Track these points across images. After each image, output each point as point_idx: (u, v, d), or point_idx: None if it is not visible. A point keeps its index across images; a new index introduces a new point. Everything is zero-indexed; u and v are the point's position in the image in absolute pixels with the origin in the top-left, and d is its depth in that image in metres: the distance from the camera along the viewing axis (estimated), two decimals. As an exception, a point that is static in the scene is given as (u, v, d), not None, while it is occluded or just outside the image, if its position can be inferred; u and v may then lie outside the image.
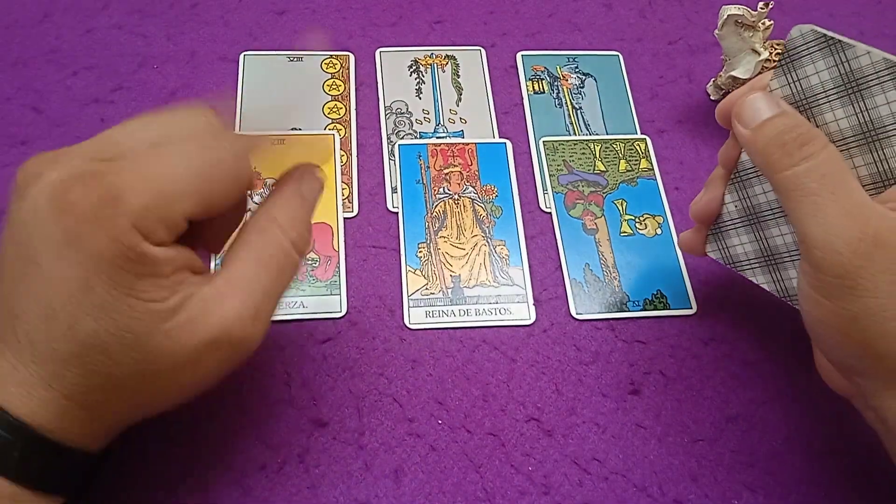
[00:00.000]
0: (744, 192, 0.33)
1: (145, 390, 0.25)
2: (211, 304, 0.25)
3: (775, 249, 0.33)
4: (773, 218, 0.32)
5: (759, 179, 0.32)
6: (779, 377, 0.37)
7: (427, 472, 0.33)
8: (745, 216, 0.33)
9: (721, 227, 0.35)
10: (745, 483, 0.34)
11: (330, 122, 0.44)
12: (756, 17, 0.42)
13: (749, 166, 0.32)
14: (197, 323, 0.25)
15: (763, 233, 0.33)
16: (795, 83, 0.30)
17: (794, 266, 0.32)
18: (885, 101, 0.28)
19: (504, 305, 0.38)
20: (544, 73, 0.48)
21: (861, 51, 0.27)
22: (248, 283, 0.26)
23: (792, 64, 0.30)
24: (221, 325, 0.25)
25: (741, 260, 0.34)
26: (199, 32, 0.47)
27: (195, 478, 0.32)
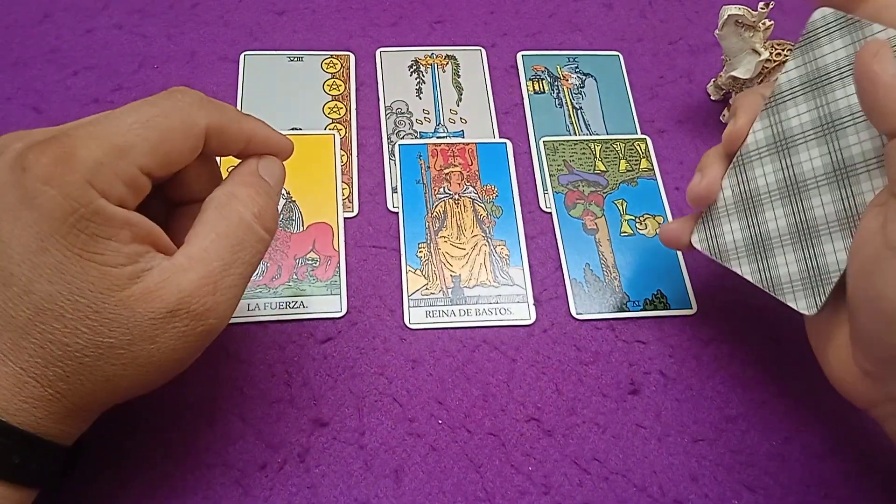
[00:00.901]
0: (744, 176, 0.33)
1: (104, 366, 0.25)
2: (169, 276, 0.25)
3: (766, 235, 0.32)
4: (770, 202, 0.32)
5: (760, 162, 0.32)
6: (779, 377, 0.37)
7: (427, 472, 0.33)
8: (741, 200, 0.33)
9: (713, 215, 0.34)
10: (745, 483, 0.34)
11: (330, 121, 0.44)
12: (756, 18, 0.42)
13: (752, 149, 0.33)
14: (153, 294, 0.25)
15: (756, 218, 0.33)
16: (811, 62, 0.31)
17: (784, 252, 0.32)
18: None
19: (504, 305, 0.38)
20: (545, 73, 0.48)
21: (878, 28, 0.29)
22: (206, 256, 0.26)
23: (810, 44, 0.31)
24: (178, 297, 0.25)
25: (728, 250, 0.34)
26: (199, 32, 0.47)
27: (195, 477, 0.32)
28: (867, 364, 0.28)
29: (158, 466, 0.32)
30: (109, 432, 0.33)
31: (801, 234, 0.31)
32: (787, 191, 0.32)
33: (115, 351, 0.25)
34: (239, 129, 0.28)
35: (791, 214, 0.31)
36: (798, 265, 0.31)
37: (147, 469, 0.32)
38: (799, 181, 0.31)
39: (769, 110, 0.32)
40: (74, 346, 0.24)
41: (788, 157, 0.32)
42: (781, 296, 0.32)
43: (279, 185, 0.30)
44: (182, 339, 0.26)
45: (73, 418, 0.26)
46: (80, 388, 0.25)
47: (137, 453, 0.32)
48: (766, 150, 0.32)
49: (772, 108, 0.32)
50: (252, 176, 0.29)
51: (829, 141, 0.30)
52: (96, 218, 0.23)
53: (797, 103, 0.31)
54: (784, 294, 0.32)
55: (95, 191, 0.23)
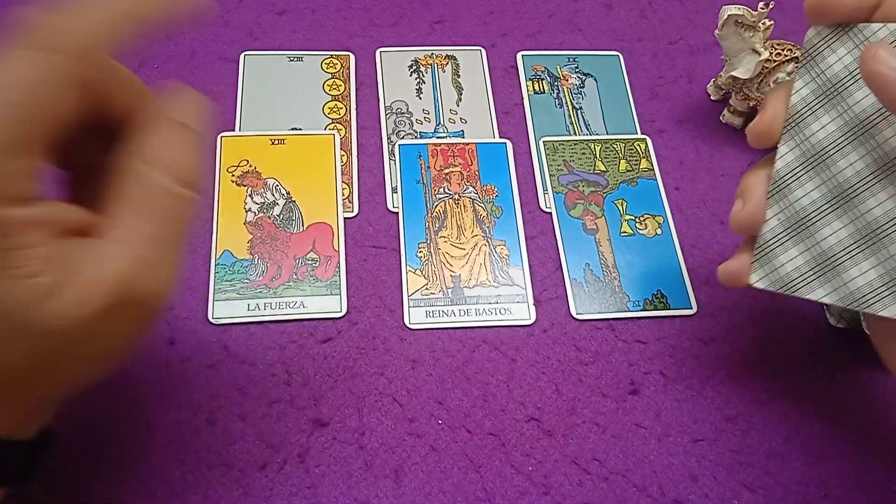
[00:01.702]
0: (786, 201, 0.32)
1: (53, 372, 0.24)
2: (98, 268, 0.22)
3: (830, 251, 0.31)
4: (822, 217, 0.31)
5: (798, 182, 0.31)
6: (779, 377, 0.37)
7: (427, 472, 0.33)
8: (791, 226, 0.32)
9: (765, 249, 0.32)
10: (745, 483, 0.34)
11: (330, 122, 0.44)
12: (756, 17, 0.42)
13: (785, 173, 0.32)
14: (84, 294, 0.22)
15: (813, 237, 0.31)
16: (820, 76, 0.31)
17: (856, 262, 0.30)
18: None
19: (504, 305, 0.38)
20: (544, 73, 0.48)
21: (877, 27, 0.29)
22: (133, 237, 0.23)
23: (814, 60, 0.31)
24: (114, 289, 0.22)
25: (794, 278, 0.31)
26: (199, 32, 0.47)
27: (195, 477, 0.32)
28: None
29: (158, 466, 0.32)
30: (109, 432, 0.33)
31: (868, 239, 0.30)
32: (837, 201, 0.31)
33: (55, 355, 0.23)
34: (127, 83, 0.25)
35: (850, 222, 0.30)
36: (876, 271, 0.30)
37: (147, 469, 0.32)
38: (846, 188, 0.30)
39: (790, 132, 0.32)
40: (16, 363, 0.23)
41: (826, 168, 0.31)
42: (869, 308, 0.30)
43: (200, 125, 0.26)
44: (125, 328, 0.24)
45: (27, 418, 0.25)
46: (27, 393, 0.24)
47: (137, 453, 0.32)
48: (800, 169, 0.31)
49: (793, 129, 0.32)
50: (168, 125, 0.25)
51: (863, 141, 0.30)
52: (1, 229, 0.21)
53: (818, 117, 0.31)
54: (871, 305, 0.30)
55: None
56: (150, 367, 0.35)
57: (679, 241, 0.41)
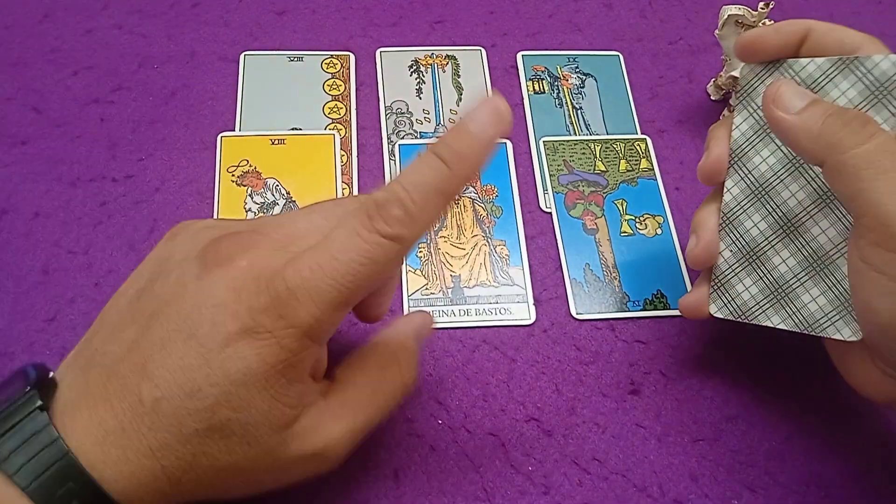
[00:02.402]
0: (736, 233, 0.33)
1: (236, 482, 0.25)
2: (323, 420, 0.26)
3: (781, 279, 0.32)
4: (771, 247, 0.32)
5: (746, 214, 0.32)
6: (779, 377, 0.37)
7: (427, 472, 0.33)
8: (743, 256, 0.33)
9: (721, 279, 0.33)
10: (745, 483, 0.34)
11: (330, 122, 0.44)
12: (756, 18, 0.42)
13: (733, 206, 0.33)
14: (307, 436, 0.26)
15: (764, 267, 0.32)
16: (756, 111, 0.32)
17: (806, 289, 0.31)
18: (839, 92, 0.30)
19: (504, 305, 0.38)
20: (544, 73, 0.48)
21: (805, 62, 0.30)
22: (359, 410, 0.27)
23: (749, 96, 0.32)
24: (325, 444, 0.26)
25: (751, 307, 0.33)
26: (199, 32, 0.47)
27: (195, 478, 0.32)
28: (887, 368, 0.29)
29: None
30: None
31: (816, 266, 0.31)
32: (784, 230, 0.31)
33: (251, 475, 0.25)
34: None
35: (797, 251, 0.31)
36: (826, 296, 0.30)
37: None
38: (790, 217, 0.31)
39: (734, 166, 0.33)
40: (220, 464, 0.24)
41: (770, 199, 0.32)
42: (822, 332, 0.30)
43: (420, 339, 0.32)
44: (306, 475, 0.27)
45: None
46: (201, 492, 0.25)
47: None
48: (746, 201, 0.32)
49: (736, 164, 0.33)
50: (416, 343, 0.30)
51: (802, 172, 0.31)
52: (299, 366, 0.24)
53: (758, 150, 0.32)
54: (824, 329, 0.30)
55: (309, 340, 0.24)
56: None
57: (679, 241, 0.41)
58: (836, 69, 0.29)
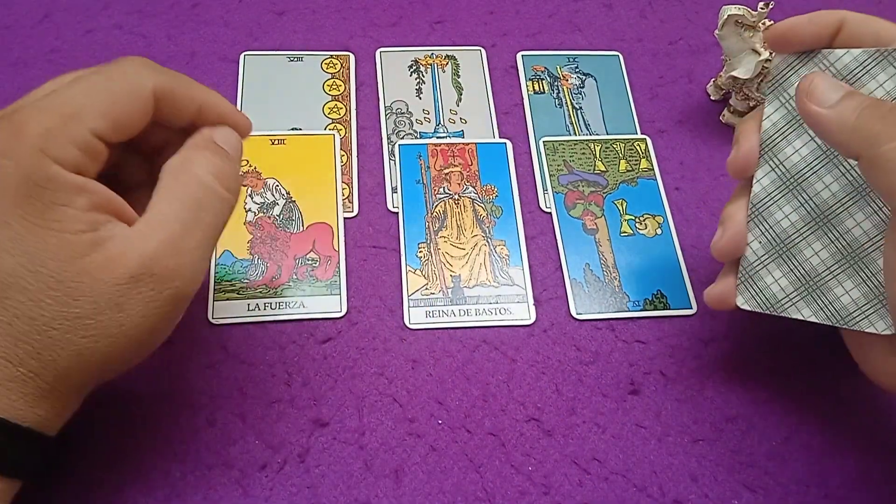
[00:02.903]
0: (766, 224, 0.32)
1: (73, 339, 0.24)
2: (129, 242, 0.25)
3: (813, 272, 0.31)
4: (803, 239, 0.31)
5: (777, 206, 0.32)
6: (779, 377, 0.37)
7: (427, 472, 0.33)
8: (773, 248, 0.32)
9: (749, 271, 0.33)
10: (745, 483, 0.34)
11: (330, 122, 0.44)
12: (756, 18, 0.42)
13: (762, 197, 0.32)
14: (115, 261, 0.25)
15: (795, 259, 0.32)
16: (789, 101, 0.32)
17: (839, 282, 0.31)
18: (877, 84, 0.29)
19: (504, 305, 0.38)
20: (544, 73, 0.48)
21: (841, 52, 0.30)
22: (165, 219, 0.26)
23: (782, 86, 0.32)
24: (140, 262, 0.25)
25: (780, 299, 0.32)
26: (199, 32, 0.47)
27: (195, 477, 0.32)
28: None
29: (158, 466, 0.32)
30: (108, 432, 0.33)
31: (850, 259, 0.30)
32: (817, 222, 0.31)
33: (83, 322, 0.24)
34: (189, 95, 0.29)
35: (830, 243, 0.31)
36: (860, 289, 0.30)
37: (147, 469, 0.32)
38: (824, 210, 0.31)
39: (765, 157, 0.32)
40: (41, 320, 0.24)
41: (803, 191, 0.31)
42: (856, 325, 0.30)
43: (237, 153, 0.30)
44: (150, 306, 0.25)
45: (49, 401, 0.25)
46: (52, 364, 0.25)
47: (137, 453, 0.32)
48: (777, 193, 0.32)
49: (767, 154, 0.32)
50: (206, 141, 0.29)
51: (837, 164, 0.31)
52: (51, 184, 0.24)
53: (790, 141, 0.32)
54: (858, 322, 0.30)
55: (48, 158, 0.24)
56: (150, 367, 0.35)
57: (679, 241, 0.41)
58: (873, 60, 0.29)
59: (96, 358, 0.25)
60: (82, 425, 0.33)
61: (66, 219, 0.24)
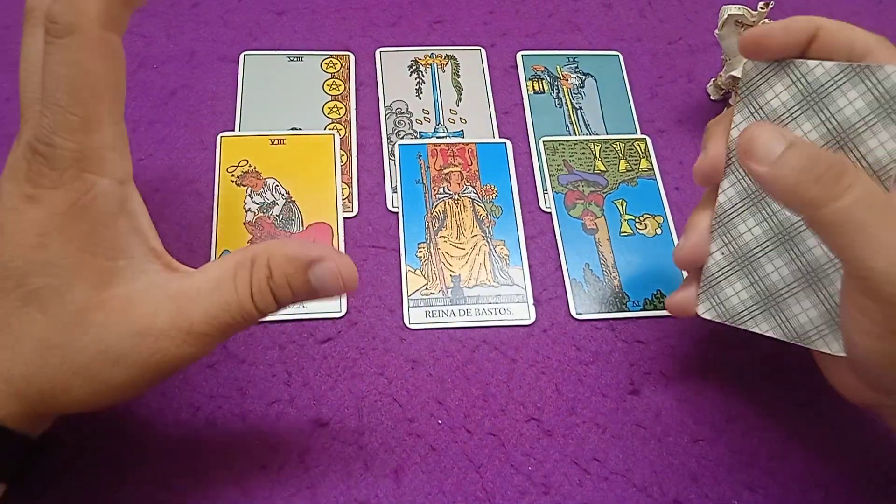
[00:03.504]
0: (728, 236, 0.32)
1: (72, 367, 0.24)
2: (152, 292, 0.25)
3: (772, 287, 0.31)
4: (764, 254, 0.31)
5: (741, 218, 0.31)
6: (779, 377, 0.37)
7: (427, 472, 0.33)
8: (734, 260, 0.32)
9: (711, 281, 0.33)
10: (745, 483, 0.34)
11: (330, 121, 0.44)
12: (756, 17, 0.42)
13: (727, 208, 0.32)
14: (131, 305, 0.24)
15: (756, 273, 0.31)
16: (758, 111, 0.31)
17: (797, 300, 0.30)
18: (846, 101, 0.28)
19: (504, 305, 0.38)
20: (544, 73, 0.48)
21: (813, 64, 0.29)
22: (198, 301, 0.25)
23: (752, 94, 0.31)
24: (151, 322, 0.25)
25: (739, 311, 0.32)
26: (199, 32, 0.47)
27: (195, 477, 0.32)
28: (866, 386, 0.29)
29: (158, 466, 0.32)
30: (108, 432, 0.33)
31: (809, 278, 0.30)
32: (779, 238, 0.31)
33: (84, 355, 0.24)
34: None
35: (791, 261, 0.30)
36: (817, 309, 0.30)
37: (147, 469, 0.32)
38: (786, 226, 0.30)
39: (731, 166, 0.32)
40: (48, 342, 0.24)
41: (767, 206, 0.31)
42: (811, 344, 0.30)
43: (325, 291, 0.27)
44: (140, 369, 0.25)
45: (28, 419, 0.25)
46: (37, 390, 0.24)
47: (137, 453, 0.32)
48: (741, 204, 0.31)
49: (734, 164, 0.32)
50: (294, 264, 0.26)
51: None
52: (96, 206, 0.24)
53: None
54: (813, 342, 0.30)
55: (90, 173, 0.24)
56: (150, 367, 0.35)
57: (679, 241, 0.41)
58: (844, 76, 0.28)
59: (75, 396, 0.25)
60: (82, 425, 0.33)
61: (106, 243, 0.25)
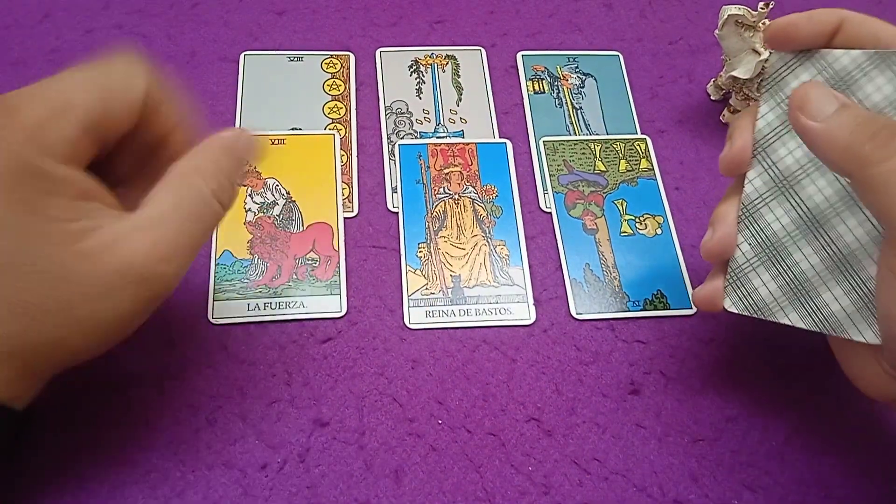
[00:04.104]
0: (756, 226, 0.32)
1: (55, 325, 0.25)
2: (122, 237, 0.25)
3: (802, 276, 0.31)
4: (793, 243, 0.31)
5: (768, 208, 0.31)
6: (779, 377, 0.37)
7: (427, 472, 0.33)
8: (762, 251, 0.32)
9: (738, 273, 0.32)
10: (745, 483, 0.34)
11: (330, 122, 0.44)
12: (756, 17, 0.42)
13: (754, 198, 0.31)
14: (106, 252, 0.25)
15: (785, 263, 0.31)
16: (784, 101, 0.31)
17: (828, 289, 0.30)
18: (874, 87, 0.29)
19: (504, 305, 0.38)
20: (544, 73, 0.48)
21: (839, 53, 0.29)
22: (162, 222, 0.26)
23: (778, 85, 0.31)
24: (131, 259, 0.25)
25: (768, 303, 0.32)
26: (199, 32, 0.47)
27: (195, 477, 0.32)
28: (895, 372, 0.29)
29: (158, 466, 0.32)
30: (108, 432, 0.33)
31: (840, 265, 0.30)
32: (808, 227, 0.30)
33: (64, 311, 0.24)
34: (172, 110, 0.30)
35: (821, 248, 0.30)
36: (849, 296, 0.30)
37: (147, 469, 0.32)
38: (816, 214, 0.30)
39: (758, 157, 0.32)
40: (27, 303, 0.24)
41: (795, 194, 0.31)
42: (843, 332, 0.30)
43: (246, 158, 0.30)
44: (131, 302, 0.26)
45: (21, 381, 0.25)
46: (31, 347, 0.25)
47: (137, 453, 0.32)
48: (769, 194, 0.31)
49: (760, 155, 0.31)
50: (222, 151, 0.29)
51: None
52: (40, 173, 0.24)
53: (784, 142, 0.31)
54: (846, 330, 0.30)
55: (38, 147, 0.24)
56: (150, 367, 0.35)
57: (679, 241, 0.41)
58: (871, 63, 0.28)
59: (73, 345, 0.26)
60: (82, 425, 0.33)
61: (57, 208, 0.24)
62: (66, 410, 0.33)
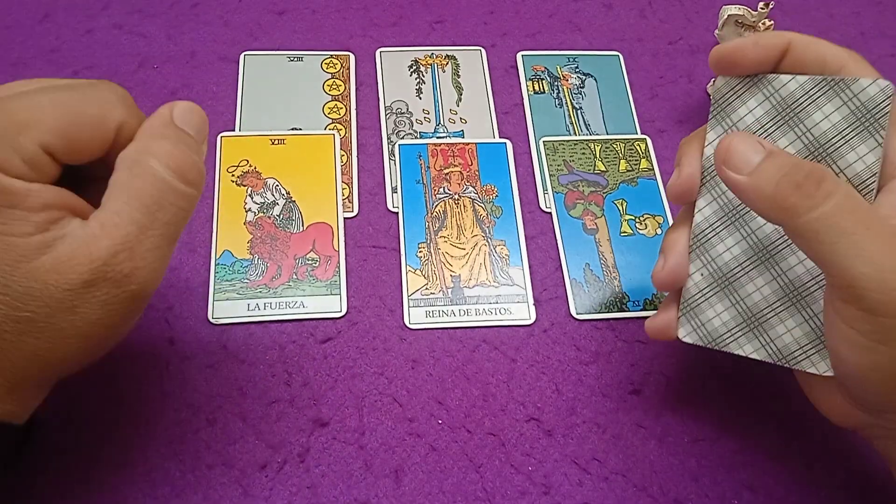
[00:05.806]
0: (707, 256, 0.31)
1: (28, 340, 0.24)
2: (84, 243, 0.24)
3: (755, 307, 0.30)
4: (745, 273, 0.30)
5: (718, 237, 0.31)
6: (779, 377, 0.37)
7: (427, 472, 0.33)
8: (714, 281, 0.31)
9: (691, 303, 0.32)
10: (745, 483, 0.34)
11: (330, 122, 0.44)
12: (756, 17, 0.42)
13: (704, 228, 0.31)
14: (65, 264, 0.24)
15: (737, 293, 0.31)
16: (731, 128, 0.30)
17: (781, 320, 0.30)
18: (822, 115, 0.28)
19: (504, 305, 0.38)
20: (544, 73, 0.48)
21: (786, 79, 0.28)
22: (119, 220, 0.25)
23: (724, 111, 0.30)
24: (92, 267, 0.24)
25: (721, 334, 0.31)
26: (199, 32, 0.47)
27: (195, 477, 0.32)
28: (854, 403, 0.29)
29: (158, 466, 0.32)
30: (109, 432, 0.33)
31: (792, 297, 0.29)
32: (759, 257, 0.30)
33: (35, 324, 0.24)
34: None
35: (773, 280, 0.30)
36: (801, 328, 0.29)
37: (147, 469, 0.32)
38: (766, 244, 0.30)
39: (707, 185, 0.31)
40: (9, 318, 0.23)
41: (745, 224, 0.30)
42: (797, 364, 0.29)
43: (201, 134, 0.28)
44: (106, 308, 0.25)
45: (10, 396, 0.25)
46: (10, 364, 0.24)
47: (137, 453, 0.33)
48: (719, 223, 0.31)
49: (709, 182, 0.31)
50: (166, 127, 0.27)
51: None
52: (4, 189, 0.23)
53: None
54: (799, 362, 0.29)
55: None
56: (150, 367, 0.35)
57: (679, 241, 0.41)
58: (819, 89, 0.28)
59: (53, 358, 0.25)
60: (82, 425, 0.33)
61: (13, 222, 0.23)
62: (67, 411, 0.33)
